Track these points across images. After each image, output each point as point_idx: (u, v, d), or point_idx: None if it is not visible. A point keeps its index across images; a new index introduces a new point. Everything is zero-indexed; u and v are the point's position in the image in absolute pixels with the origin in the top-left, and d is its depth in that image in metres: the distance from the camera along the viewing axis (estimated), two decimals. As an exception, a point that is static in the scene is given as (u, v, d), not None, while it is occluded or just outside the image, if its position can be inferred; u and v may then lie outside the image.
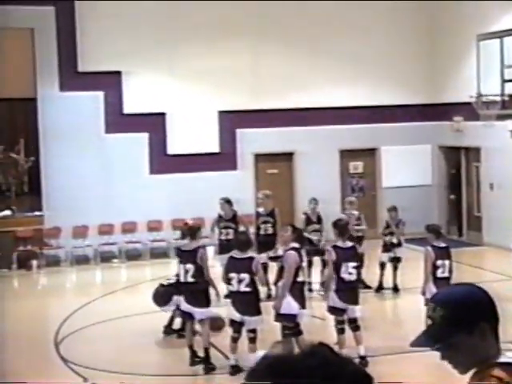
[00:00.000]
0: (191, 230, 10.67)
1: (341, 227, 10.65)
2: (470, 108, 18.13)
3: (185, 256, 10.38)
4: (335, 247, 10.36)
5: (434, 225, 11.64)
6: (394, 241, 14.28)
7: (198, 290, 10.22)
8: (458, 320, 2.56)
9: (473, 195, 19.62)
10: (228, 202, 14.09)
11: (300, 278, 9.87)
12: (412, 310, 11.61)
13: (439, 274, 10.58)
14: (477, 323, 2.55)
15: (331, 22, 19.52)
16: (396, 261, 14.28)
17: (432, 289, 10.46)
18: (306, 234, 13.76)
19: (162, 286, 11.73)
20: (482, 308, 2.59)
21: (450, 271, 10.68)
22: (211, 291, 10.35)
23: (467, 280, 13.09)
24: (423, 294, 10.65)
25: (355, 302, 10.24)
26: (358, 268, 10.45)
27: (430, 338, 2.58)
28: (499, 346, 2.63)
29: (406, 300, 13.68)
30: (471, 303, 2.58)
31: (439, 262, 10.60)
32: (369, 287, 14.12)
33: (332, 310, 10.32)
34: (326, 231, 13.77)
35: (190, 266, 10.23)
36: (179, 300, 10.61)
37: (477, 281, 2.85)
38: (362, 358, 9.91)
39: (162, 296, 11.44)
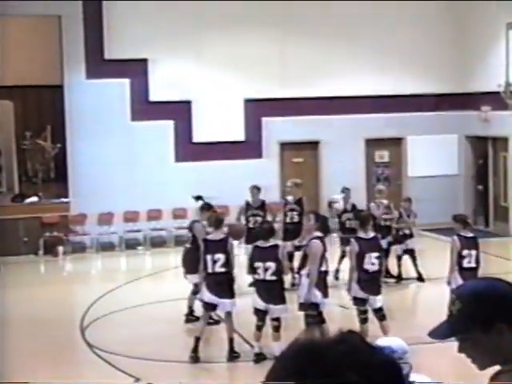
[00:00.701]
0: (218, 220, 10.64)
1: (363, 218, 10.63)
2: (498, 97, 17.95)
3: (212, 246, 10.21)
4: (358, 238, 10.33)
5: (461, 215, 11.50)
6: (407, 232, 14.18)
7: (226, 281, 10.13)
8: (473, 316, 2.48)
9: (500, 185, 19.45)
10: (258, 188, 14.16)
11: (323, 268, 9.85)
12: (437, 300, 11.52)
13: (465, 264, 10.48)
14: (493, 322, 2.46)
15: (357, 10, 19.36)
16: (410, 253, 14.16)
17: (458, 279, 10.38)
18: (347, 223, 13.81)
19: (187, 250, 11.79)
20: (501, 306, 2.48)
21: (478, 262, 10.54)
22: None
23: (493, 271, 12.96)
24: (448, 283, 10.58)
25: (377, 292, 10.23)
26: (381, 258, 10.40)
27: (446, 330, 2.54)
28: None
29: (431, 290, 13.60)
30: (489, 300, 2.49)
31: (465, 252, 10.50)
32: (394, 276, 14.06)
33: (354, 300, 10.33)
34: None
35: (219, 256, 10.09)
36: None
37: (503, 271, 2.81)
38: None
39: (192, 261, 11.21)
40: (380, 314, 10.28)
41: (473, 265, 10.50)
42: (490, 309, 2.48)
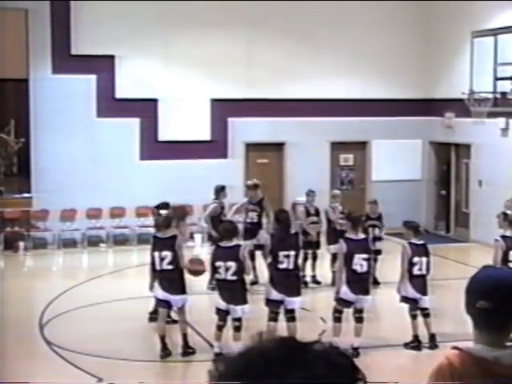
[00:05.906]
0: (166, 220, 10.65)
1: (354, 219, 10.62)
2: (462, 104, 18.18)
3: (160, 243, 10.32)
4: (347, 239, 10.36)
5: (413, 222, 11.30)
6: (377, 233, 14.20)
7: (174, 278, 10.18)
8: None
9: (461, 191, 19.68)
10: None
11: (283, 265, 10.05)
12: (390, 305, 11.53)
13: (415, 271, 10.46)
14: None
15: (327, 14, 19.48)
16: (377, 253, 14.16)
17: (407, 286, 10.44)
18: (304, 227, 13.78)
19: None
20: (475, 292, 2.84)
21: (428, 269, 10.56)
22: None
23: (453, 276, 12.95)
24: (398, 291, 10.62)
25: (366, 292, 10.29)
26: (369, 260, 10.35)
27: None
28: (485, 337, 2.75)
29: (385, 295, 13.60)
30: (471, 285, 2.86)
31: (416, 259, 10.48)
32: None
33: (341, 301, 10.30)
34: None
35: (166, 253, 10.19)
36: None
37: (462, 277, 2.88)
38: (355, 349, 9.91)
39: None
40: (359, 315, 10.27)
41: (423, 272, 10.52)
42: (470, 292, 2.90)
